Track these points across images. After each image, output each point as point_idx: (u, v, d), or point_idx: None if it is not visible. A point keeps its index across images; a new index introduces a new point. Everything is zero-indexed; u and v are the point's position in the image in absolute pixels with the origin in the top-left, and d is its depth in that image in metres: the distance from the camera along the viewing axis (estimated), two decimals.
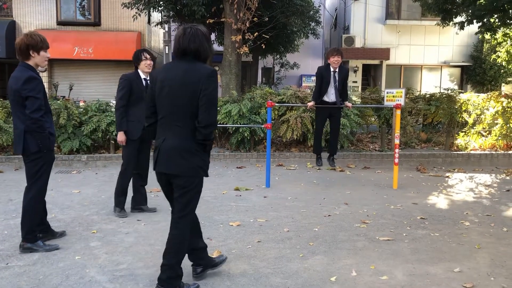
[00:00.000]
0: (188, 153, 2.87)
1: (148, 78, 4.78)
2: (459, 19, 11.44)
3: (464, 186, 6.77)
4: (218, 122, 8.76)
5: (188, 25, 2.91)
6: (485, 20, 10.86)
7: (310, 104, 6.69)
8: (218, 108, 8.90)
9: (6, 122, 8.24)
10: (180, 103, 2.83)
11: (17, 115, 3.76)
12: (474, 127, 9.41)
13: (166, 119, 2.90)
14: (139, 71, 4.89)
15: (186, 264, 3.23)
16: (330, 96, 6.55)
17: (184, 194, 2.95)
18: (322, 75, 6.50)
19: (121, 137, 4.82)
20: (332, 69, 6.45)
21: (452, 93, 9.51)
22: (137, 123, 4.79)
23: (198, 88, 2.79)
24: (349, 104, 6.89)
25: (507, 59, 15.05)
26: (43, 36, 3.83)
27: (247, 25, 10.43)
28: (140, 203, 5.15)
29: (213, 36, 15.68)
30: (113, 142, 8.72)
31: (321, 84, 6.53)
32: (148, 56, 4.86)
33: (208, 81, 2.80)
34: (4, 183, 6.78)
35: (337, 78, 6.47)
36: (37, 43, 3.74)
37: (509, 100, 9.19)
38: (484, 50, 18.72)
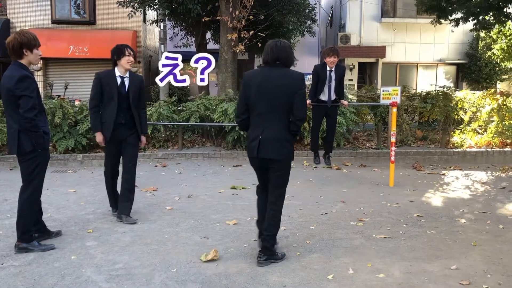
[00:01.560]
0: (286, 142, 3.52)
1: (125, 76, 4.62)
2: (454, 16, 11.45)
3: (460, 184, 6.78)
4: (214, 121, 8.75)
5: (277, 39, 3.59)
6: (480, 17, 10.88)
7: (307, 102, 6.67)
8: (214, 107, 8.88)
9: (0, 121, 8.19)
10: (278, 101, 3.45)
11: (10, 115, 3.73)
12: (470, 125, 9.43)
13: (263, 115, 3.50)
14: (117, 68, 4.63)
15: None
16: (326, 94, 6.54)
17: (281, 175, 3.61)
18: (318, 74, 6.49)
19: (99, 137, 4.65)
20: (328, 68, 6.44)
21: (447, 91, 9.52)
22: (108, 124, 4.58)
23: (294, 89, 3.44)
24: (345, 102, 6.87)
25: (502, 56, 15.11)
26: (34, 34, 3.80)
27: (243, 23, 10.41)
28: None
29: (208, 35, 15.62)
30: None
31: (317, 83, 6.52)
32: (131, 53, 4.65)
33: (301, 83, 3.50)
34: None
35: (333, 77, 6.46)
36: (30, 41, 3.72)
37: (505, 97, 9.22)
38: (479, 47, 18.77)
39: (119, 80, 4.62)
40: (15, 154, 3.79)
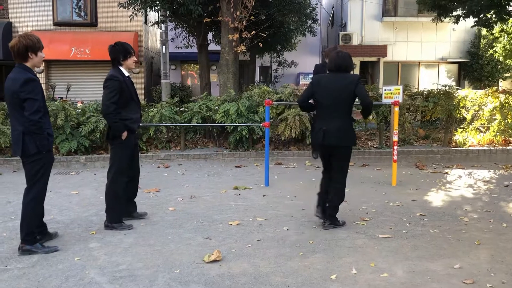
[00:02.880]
0: (347, 130, 4.32)
1: (128, 75, 4.56)
2: (454, 13, 11.42)
3: (462, 182, 6.77)
4: (216, 122, 8.76)
5: (338, 50, 4.54)
6: (481, 15, 10.86)
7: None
8: (216, 108, 8.89)
9: (3, 124, 8.22)
10: (340, 99, 4.27)
11: (15, 117, 3.74)
12: (472, 123, 9.41)
13: (329, 109, 4.31)
14: (122, 68, 4.51)
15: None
16: None
17: (345, 159, 4.44)
18: (319, 73, 6.53)
19: (125, 135, 4.49)
20: None
21: (450, 90, 9.50)
22: (135, 119, 4.58)
23: (352, 86, 4.23)
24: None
25: (504, 54, 15.07)
26: (38, 37, 3.82)
27: (244, 24, 10.41)
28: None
29: (209, 35, 15.63)
30: None
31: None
32: (134, 52, 4.62)
33: (357, 81, 4.27)
34: (3, 185, 6.76)
35: None
36: (34, 44, 3.74)
37: (507, 95, 9.19)
38: (481, 46, 18.72)
39: (128, 80, 4.57)
40: (19, 156, 3.80)
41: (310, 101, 4.58)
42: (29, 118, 3.63)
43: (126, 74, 4.55)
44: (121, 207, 4.63)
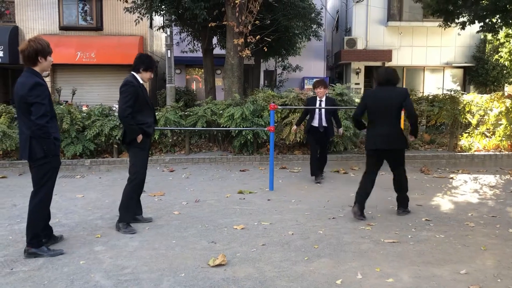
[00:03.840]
0: (401, 135, 4.93)
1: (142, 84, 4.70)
2: (460, 19, 11.40)
3: (468, 187, 6.74)
4: (221, 126, 8.77)
5: (385, 67, 4.92)
6: (487, 20, 10.83)
7: (294, 128, 7.56)
8: (221, 112, 8.91)
9: (9, 127, 8.26)
10: (390, 109, 4.84)
11: (22, 121, 3.77)
12: (478, 128, 9.37)
13: (381, 118, 4.88)
14: (138, 76, 4.64)
15: None
16: (317, 121, 6.97)
17: (401, 159, 5.11)
18: (308, 104, 7.20)
19: (140, 138, 4.59)
20: (318, 98, 7.07)
21: (455, 94, 9.47)
22: (150, 123, 4.71)
23: (401, 99, 4.82)
24: (341, 131, 7.33)
25: (509, 59, 15.02)
26: (47, 41, 3.86)
27: (249, 28, 10.43)
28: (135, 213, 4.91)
29: (215, 40, 15.67)
30: (116, 146, 8.74)
31: (307, 113, 7.18)
32: (155, 69, 4.79)
33: (406, 94, 4.88)
34: (8, 188, 6.79)
35: (323, 105, 7.00)
36: (44, 48, 3.78)
37: None
38: (486, 50, 18.66)
39: (143, 86, 4.72)
40: (26, 160, 3.82)
41: (363, 121, 5.29)
42: (36, 122, 3.65)
43: (141, 81, 4.70)
44: (132, 207, 4.69)
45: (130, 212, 4.68)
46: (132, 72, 4.67)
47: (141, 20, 12.64)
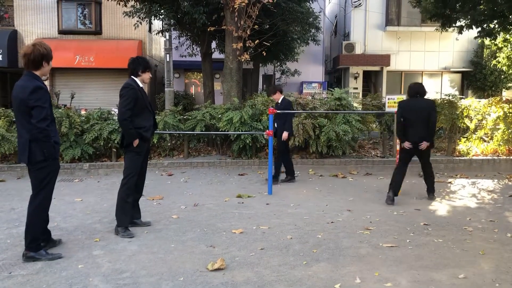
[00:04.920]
0: (428, 136, 5.92)
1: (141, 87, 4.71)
2: (458, 23, 11.46)
3: (466, 192, 6.75)
4: (219, 130, 8.78)
5: (415, 82, 6.38)
6: (484, 25, 10.89)
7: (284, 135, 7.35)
8: (220, 116, 8.92)
9: (8, 131, 8.26)
10: (422, 115, 5.86)
11: (21, 124, 3.77)
12: (476, 133, 9.40)
13: (415, 123, 5.88)
14: (137, 79, 4.65)
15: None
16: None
17: (428, 153, 6.13)
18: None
19: (137, 142, 4.60)
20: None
21: (453, 99, 9.50)
22: (149, 127, 4.71)
23: (429, 109, 5.88)
24: (285, 135, 7.17)
25: (507, 64, 15.07)
26: (50, 46, 3.90)
27: (248, 33, 10.45)
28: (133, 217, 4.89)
29: (213, 44, 15.70)
30: (114, 150, 8.74)
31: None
32: (152, 69, 4.79)
33: (433, 106, 5.98)
34: (7, 192, 6.78)
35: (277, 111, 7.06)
36: (49, 53, 3.84)
37: (510, 105, 9.19)
38: (484, 55, 18.74)
39: (142, 90, 4.72)
40: (25, 164, 3.82)
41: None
42: (37, 126, 3.66)
43: (141, 85, 4.70)
44: (129, 210, 4.66)
45: (127, 215, 4.65)
46: (132, 77, 4.68)
47: (140, 24, 12.65)
